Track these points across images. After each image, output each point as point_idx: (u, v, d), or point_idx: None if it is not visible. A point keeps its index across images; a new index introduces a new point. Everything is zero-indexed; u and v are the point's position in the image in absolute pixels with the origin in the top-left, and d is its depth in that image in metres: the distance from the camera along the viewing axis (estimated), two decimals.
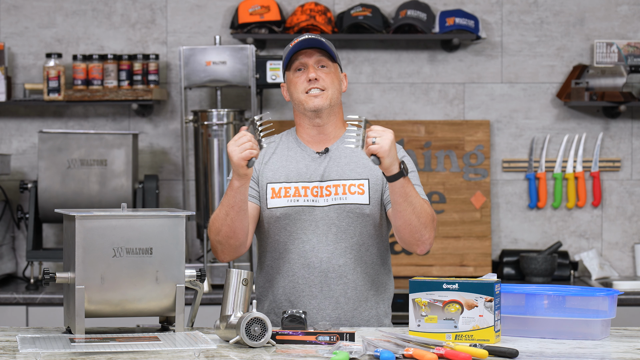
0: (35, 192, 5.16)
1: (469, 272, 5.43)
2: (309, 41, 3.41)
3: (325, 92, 3.41)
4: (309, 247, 3.39)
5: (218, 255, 3.41)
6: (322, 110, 3.41)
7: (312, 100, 3.40)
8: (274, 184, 3.43)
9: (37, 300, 4.92)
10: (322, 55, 3.43)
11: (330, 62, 3.44)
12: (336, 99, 3.44)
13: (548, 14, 5.52)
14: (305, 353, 2.88)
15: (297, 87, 3.42)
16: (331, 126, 3.47)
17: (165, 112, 5.52)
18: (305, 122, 3.46)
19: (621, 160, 5.52)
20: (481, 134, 5.49)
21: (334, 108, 3.45)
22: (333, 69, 3.44)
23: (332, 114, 3.46)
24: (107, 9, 5.49)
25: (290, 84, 3.45)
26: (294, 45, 3.42)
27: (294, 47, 3.41)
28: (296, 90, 3.43)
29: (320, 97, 3.40)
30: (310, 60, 3.42)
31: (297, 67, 3.43)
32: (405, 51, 5.54)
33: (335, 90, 3.43)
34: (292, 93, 3.45)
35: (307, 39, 3.42)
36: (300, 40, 3.41)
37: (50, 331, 3.22)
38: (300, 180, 3.42)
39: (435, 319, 3.02)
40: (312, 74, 3.40)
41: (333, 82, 3.43)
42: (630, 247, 5.52)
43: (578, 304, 3.12)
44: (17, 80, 5.50)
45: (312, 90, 3.40)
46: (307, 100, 3.41)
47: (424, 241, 3.32)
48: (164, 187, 5.51)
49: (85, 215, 3.11)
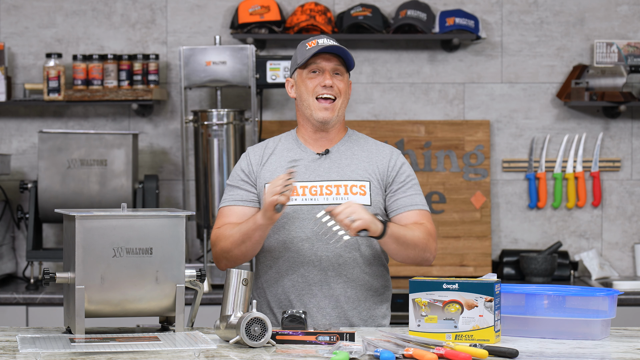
0: (35, 192, 5.16)
1: (469, 272, 5.43)
2: (333, 48, 3.40)
3: (336, 103, 3.42)
4: (308, 245, 3.39)
5: (219, 266, 3.43)
6: (330, 122, 3.44)
7: (322, 112, 3.41)
8: None
9: (37, 300, 4.92)
10: (340, 64, 3.43)
11: (345, 71, 3.45)
12: (344, 109, 3.46)
13: (548, 14, 5.52)
14: (305, 353, 2.88)
15: (308, 88, 3.41)
16: (334, 131, 3.49)
17: (165, 112, 5.52)
18: (309, 125, 3.46)
19: (621, 160, 5.52)
20: (481, 134, 5.49)
21: (340, 117, 3.46)
22: (346, 79, 3.45)
23: (337, 122, 3.47)
24: (107, 9, 5.49)
25: (302, 83, 3.43)
26: (316, 45, 3.39)
27: (317, 49, 3.39)
28: (307, 91, 3.42)
29: (331, 109, 3.41)
30: (328, 65, 3.41)
31: (313, 69, 3.42)
32: (405, 51, 5.54)
33: (345, 100, 3.45)
34: (301, 92, 3.44)
35: (333, 46, 3.40)
36: (325, 46, 3.39)
37: (50, 331, 3.22)
38: (299, 179, 3.41)
39: (435, 319, 3.02)
40: (328, 80, 3.40)
41: (345, 91, 3.45)
42: (630, 247, 5.52)
43: (578, 304, 3.12)
44: (17, 80, 5.50)
45: (324, 95, 3.40)
46: (317, 110, 3.41)
47: (427, 258, 3.42)
48: (164, 187, 5.51)
49: (85, 215, 3.11)
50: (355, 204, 3.22)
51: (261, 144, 3.54)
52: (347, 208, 3.20)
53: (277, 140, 3.54)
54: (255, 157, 3.50)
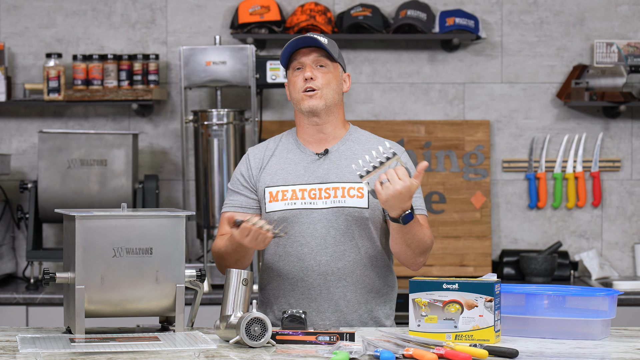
0: (35, 192, 5.16)
1: (469, 272, 5.43)
2: (305, 39, 3.39)
3: (319, 92, 3.39)
4: (307, 250, 3.38)
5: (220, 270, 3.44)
6: (318, 110, 3.40)
7: (308, 101, 3.39)
8: (272, 187, 3.42)
9: (37, 300, 4.92)
10: (321, 55, 3.40)
11: (329, 62, 3.41)
12: (333, 99, 3.41)
13: (548, 14, 5.52)
14: (305, 353, 2.88)
15: (295, 86, 3.41)
16: (330, 126, 3.46)
17: (165, 112, 5.52)
18: (304, 121, 3.46)
19: (621, 160, 5.52)
20: (481, 134, 5.49)
21: (331, 108, 3.43)
22: (332, 69, 3.41)
23: (331, 114, 3.44)
24: (107, 9, 5.49)
25: (290, 83, 3.44)
26: (289, 43, 3.41)
27: (289, 45, 3.39)
28: (294, 90, 3.42)
29: (315, 97, 3.38)
30: (307, 59, 3.40)
31: (296, 66, 3.42)
32: (405, 51, 5.54)
33: (331, 91, 3.40)
34: (291, 92, 3.44)
35: (301, 38, 3.39)
36: (295, 39, 3.40)
37: (50, 331, 3.22)
38: (298, 182, 3.40)
39: (435, 319, 3.02)
40: (307, 72, 3.38)
41: (330, 82, 3.40)
42: (630, 247, 5.52)
43: (578, 304, 3.12)
44: (17, 80, 5.50)
45: (307, 89, 3.39)
46: (302, 100, 3.40)
47: (416, 264, 3.40)
48: (164, 187, 5.51)
49: (85, 215, 3.11)
50: (402, 187, 3.08)
51: (262, 145, 3.54)
52: (397, 179, 3.09)
53: (277, 140, 3.53)
54: (255, 160, 3.49)
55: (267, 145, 3.52)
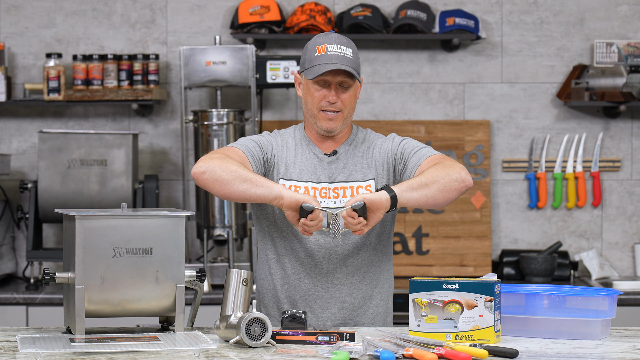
0: (35, 192, 5.16)
1: (469, 272, 5.43)
2: (337, 72, 3.33)
3: (340, 113, 3.39)
4: (315, 247, 3.40)
5: (202, 177, 3.26)
6: (336, 131, 3.42)
7: (327, 122, 3.38)
8: (286, 181, 3.42)
9: (37, 300, 4.92)
10: (347, 77, 3.36)
11: (351, 83, 3.38)
12: (349, 115, 3.41)
13: (548, 14, 5.52)
14: (305, 353, 2.88)
15: (314, 99, 3.38)
16: (340, 135, 3.48)
17: (165, 112, 5.52)
18: (316, 129, 3.45)
19: (621, 160, 5.52)
20: (481, 134, 5.49)
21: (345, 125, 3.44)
22: (353, 86, 3.39)
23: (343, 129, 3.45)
24: (107, 9, 5.49)
25: (308, 92, 3.39)
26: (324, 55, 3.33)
27: (324, 67, 3.32)
28: (312, 101, 3.38)
29: (335, 119, 3.38)
30: (334, 80, 3.35)
31: (319, 81, 3.37)
32: (405, 51, 5.54)
33: (350, 109, 3.40)
34: (306, 100, 3.41)
35: (339, 70, 3.32)
36: (329, 64, 3.32)
37: (50, 331, 3.22)
38: (310, 180, 3.41)
39: (435, 319, 3.02)
40: (332, 97, 3.36)
41: (351, 101, 3.39)
42: (630, 247, 5.52)
43: (578, 304, 3.12)
44: (17, 80, 5.50)
45: (328, 109, 3.37)
46: (320, 119, 3.39)
47: (458, 179, 3.28)
48: (164, 187, 5.51)
49: (85, 215, 3.11)
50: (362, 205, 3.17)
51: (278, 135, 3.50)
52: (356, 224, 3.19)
53: (292, 132, 3.51)
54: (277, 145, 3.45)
55: (289, 134, 3.49)
